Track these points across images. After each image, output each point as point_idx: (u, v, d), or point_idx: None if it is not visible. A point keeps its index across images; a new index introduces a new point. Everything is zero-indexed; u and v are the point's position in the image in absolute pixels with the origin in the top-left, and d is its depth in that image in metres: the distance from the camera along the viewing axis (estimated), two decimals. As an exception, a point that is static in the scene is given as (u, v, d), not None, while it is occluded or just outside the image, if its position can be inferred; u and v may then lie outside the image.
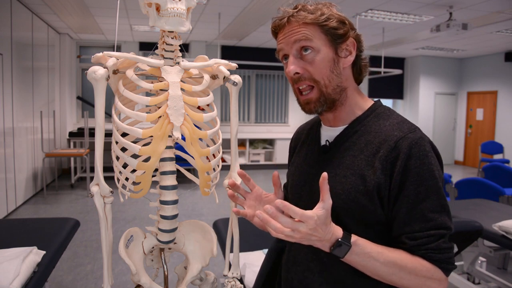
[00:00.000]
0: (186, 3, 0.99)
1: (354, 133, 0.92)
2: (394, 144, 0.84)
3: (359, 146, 0.89)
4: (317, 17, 0.87)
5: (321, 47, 0.88)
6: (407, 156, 0.82)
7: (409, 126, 0.87)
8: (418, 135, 0.85)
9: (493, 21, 5.46)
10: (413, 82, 9.36)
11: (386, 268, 0.81)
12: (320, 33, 0.88)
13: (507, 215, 2.25)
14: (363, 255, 0.80)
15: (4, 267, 1.43)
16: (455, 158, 9.68)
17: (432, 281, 0.82)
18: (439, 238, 0.82)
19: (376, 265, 0.80)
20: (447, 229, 0.83)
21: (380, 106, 0.96)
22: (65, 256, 3.17)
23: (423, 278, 0.81)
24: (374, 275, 0.82)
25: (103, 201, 1.04)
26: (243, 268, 1.77)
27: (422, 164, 0.82)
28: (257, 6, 4.98)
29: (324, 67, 0.88)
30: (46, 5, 5.04)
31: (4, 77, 4.35)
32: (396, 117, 0.91)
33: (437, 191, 0.83)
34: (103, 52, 1.03)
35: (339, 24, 0.88)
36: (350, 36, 0.90)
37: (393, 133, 0.86)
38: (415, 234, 0.82)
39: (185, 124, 1.03)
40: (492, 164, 4.59)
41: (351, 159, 0.89)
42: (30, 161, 5.36)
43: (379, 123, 0.90)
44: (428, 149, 0.84)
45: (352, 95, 0.94)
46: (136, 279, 1.07)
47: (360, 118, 0.93)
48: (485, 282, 2.60)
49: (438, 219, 0.82)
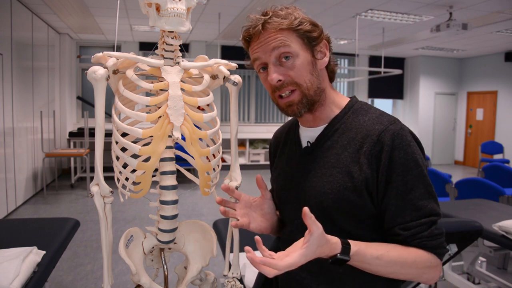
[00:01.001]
0: (186, 3, 0.99)
1: (334, 132, 0.93)
2: (376, 138, 0.86)
3: (341, 144, 0.90)
4: (292, 22, 0.88)
5: (299, 52, 0.89)
6: (390, 148, 0.84)
7: (388, 119, 0.89)
8: (398, 126, 0.86)
9: (493, 21, 5.46)
10: (413, 82, 9.36)
11: (387, 268, 0.83)
12: (296, 37, 0.89)
13: (507, 215, 2.25)
14: (363, 262, 0.82)
15: (4, 267, 1.43)
16: (455, 158, 9.68)
17: (430, 268, 0.85)
18: (431, 225, 0.84)
19: (377, 268, 0.83)
20: (437, 215, 0.85)
21: (356, 102, 0.97)
22: (65, 256, 3.17)
23: (422, 268, 0.84)
24: (375, 274, 0.85)
25: (103, 201, 1.04)
26: (243, 268, 1.77)
27: (406, 154, 0.84)
28: (257, 6, 4.98)
29: (305, 71, 0.89)
30: (46, 5, 5.04)
31: (4, 77, 4.35)
32: (374, 111, 0.93)
33: (423, 179, 0.84)
34: (103, 52, 1.03)
35: (312, 27, 0.89)
36: (323, 38, 0.92)
37: (374, 127, 0.87)
38: (407, 224, 0.83)
39: (185, 124, 1.03)
40: (492, 164, 4.59)
41: (335, 157, 0.90)
42: (30, 161, 5.36)
43: (359, 119, 0.91)
44: (410, 139, 0.86)
45: (330, 94, 0.96)
46: (136, 279, 1.07)
47: (338, 116, 0.94)
48: (485, 282, 2.60)
49: (427, 206, 0.84)
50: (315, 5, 4.92)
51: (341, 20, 5.74)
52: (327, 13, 5.31)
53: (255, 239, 0.79)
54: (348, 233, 0.87)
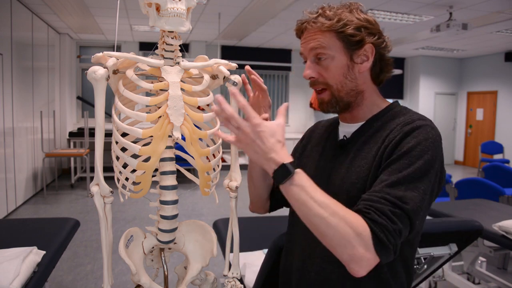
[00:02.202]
0: (186, 3, 0.99)
1: (370, 128, 0.94)
2: (401, 127, 0.86)
3: (375, 140, 0.91)
4: (333, 24, 0.89)
5: (335, 54, 0.91)
6: (405, 134, 0.84)
7: (420, 116, 0.89)
8: (426, 123, 0.86)
9: (493, 21, 5.46)
10: (413, 82, 9.36)
11: (318, 208, 0.75)
12: (336, 40, 0.90)
13: (507, 215, 2.25)
14: (301, 188, 0.76)
15: (4, 267, 1.43)
16: (455, 158, 9.67)
17: (358, 241, 0.73)
18: (390, 206, 0.76)
19: (309, 202, 0.75)
20: (406, 204, 0.76)
21: (397, 106, 0.99)
22: (65, 256, 3.17)
23: (350, 233, 0.73)
24: (304, 215, 0.77)
25: (103, 201, 1.03)
26: (243, 268, 1.77)
27: (417, 144, 0.82)
28: (257, 6, 4.98)
29: (338, 73, 0.92)
30: (46, 5, 5.04)
31: (4, 77, 4.35)
32: (412, 113, 0.93)
33: (420, 177, 0.79)
34: (103, 52, 1.03)
35: (355, 31, 0.90)
36: (368, 42, 0.91)
37: (404, 121, 0.88)
38: (372, 193, 0.79)
39: (185, 124, 1.04)
40: (492, 164, 4.59)
41: (366, 151, 0.91)
42: (30, 161, 5.36)
43: (395, 120, 0.92)
44: (431, 136, 0.83)
45: (370, 97, 0.97)
46: (136, 279, 1.07)
47: (377, 116, 0.96)
48: (485, 282, 2.60)
49: (402, 192, 0.77)
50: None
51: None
52: (327, 13, 5.30)
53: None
54: None
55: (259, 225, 2.28)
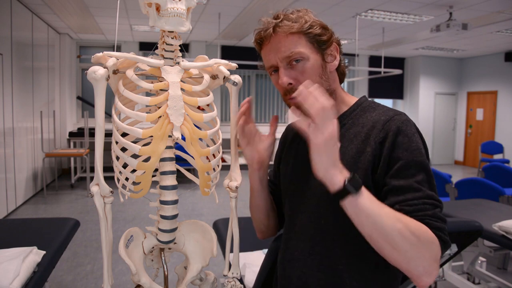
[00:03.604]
0: (186, 3, 0.99)
1: (341, 127, 0.93)
2: (381, 126, 0.87)
3: (348, 138, 0.91)
4: (302, 25, 0.88)
5: (309, 55, 0.90)
6: (395, 134, 0.84)
7: (395, 111, 0.90)
8: (404, 117, 0.87)
9: (493, 21, 5.46)
10: (413, 82, 9.36)
11: (391, 222, 0.73)
12: (306, 41, 0.90)
13: (507, 215, 2.25)
14: (373, 201, 0.75)
15: (4, 267, 1.43)
16: (455, 158, 9.67)
17: (432, 251, 0.74)
18: (435, 207, 0.79)
19: (381, 215, 0.74)
20: (439, 202, 0.81)
21: (365, 100, 0.99)
22: (65, 256, 3.17)
23: (425, 243, 0.73)
24: (378, 229, 0.74)
25: (103, 201, 1.03)
26: (243, 268, 1.77)
27: (410, 141, 0.84)
28: (257, 6, 4.98)
29: (314, 74, 0.90)
30: (46, 5, 5.04)
31: (4, 77, 4.35)
32: (381, 107, 0.94)
33: (425, 168, 0.82)
34: (103, 52, 1.03)
35: (322, 31, 0.90)
36: (333, 41, 0.92)
37: (380, 118, 0.89)
38: (409, 202, 0.79)
39: (185, 124, 1.03)
40: (492, 164, 4.59)
41: (342, 150, 0.89)
42: (30, 161, 5.36)
43: (366, 115, 0.93)
44: (414, 130, 0.86)
45: (339, 95, 0.98)
46: (136, 279, 1.07)
47: (346, 113, 0.96)
48: (485, 282, 2.60)
49: (427, 191, 0.80)
50: (315, 5, 4.92)
51: (341, 20, 5.73)
52: (327, 13, 5.31)
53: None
54: (353, 225, 0.86)
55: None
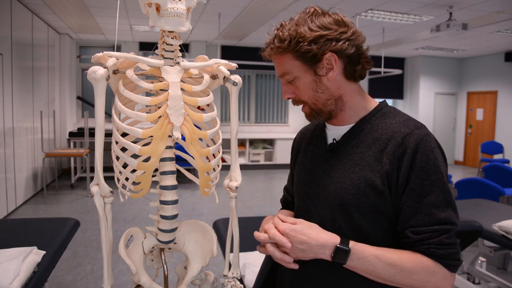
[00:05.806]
0: (186, 3, 0.99)
1: (361, 131, 0.93)
2: (401, 140, 0.86)
3: (366, 143, 0.91)
4: (287, 46, 0.88)
5: (299, 74, 0.91)
6: (413, 151, 0.84)
7: (415, 123, 0.89)
8: (424, 132, 0.87)
9: (493, 21, 5.46)
10: (413, 82, 9.36)
11: (387, 270, 0.82)
12: (294, 60, 0.90)
13: (507, 215, 2.25)
14: (363, 260, 0.82)
15: (4, 267, 1.43)
16: (455, 158, 9.67)
17: (435, 278, 0.82)
18: (442, 234, 0.82)
19: (377, 268, 0.82)
20: (452, 224, 0.83)
21: (386, 106, 0.98)
22: (65, 256, 3.17)
23: (425, 276, 0.82)
24: (377, 278, 0.84)
25: (103, 201, 1.03)
26: (243, 268, 1.77)
27: (427, 159, 0.83)
28: (257, 6, 4.98)
29: (308, 90, 0.92)
30: (46, 5, 5.04)
31: (4, 77, 4.35)
32: (402, 115, 0.93)
33: (442, 185, 0.83)
34: (103, 52, 1.03)
35: (310, 46, 0.86)
36: (327, 51, 0.87)
37: (400, 130, 0.88)
38: (419, 228, 0.83)
39: (185, 124, 1.03)
40: (492, 164, 4.59)
41: (359, 155, 0.90)
42: (30, 161, 5.36)
43: (386, 122, 0.92)
44: (433, 146, 0.86)
45: (351, 99, 0.95)
46: (136, 279, 1.07)
47: (366, 117, 0.95)
48: (485, 282, 2.60)
49: (442, 214, 0.82)
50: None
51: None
52: (327, 13, 5.30)
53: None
54: (364, 231, 0.87)
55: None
